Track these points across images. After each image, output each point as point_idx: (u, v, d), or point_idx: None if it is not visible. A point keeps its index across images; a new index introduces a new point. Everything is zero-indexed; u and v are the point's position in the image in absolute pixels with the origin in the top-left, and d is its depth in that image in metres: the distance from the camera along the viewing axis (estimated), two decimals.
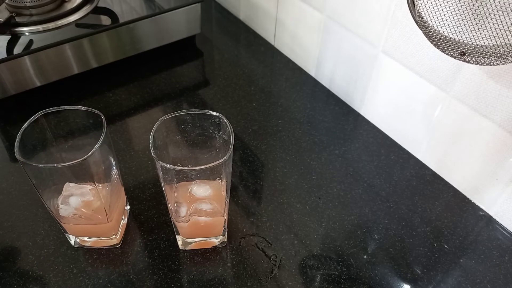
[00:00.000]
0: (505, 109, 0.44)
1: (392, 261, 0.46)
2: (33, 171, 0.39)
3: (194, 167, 0.39)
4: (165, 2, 0.69)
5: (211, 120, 0.43)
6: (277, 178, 0.54)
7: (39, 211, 0.49)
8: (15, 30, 0.60)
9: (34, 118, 0.41)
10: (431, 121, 0.53)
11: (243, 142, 0.58)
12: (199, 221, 0.43)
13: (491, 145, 0.47)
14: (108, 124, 0.42)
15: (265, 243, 0.47)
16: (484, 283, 0.44)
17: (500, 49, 0.35)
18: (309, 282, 0.44)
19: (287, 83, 0.68)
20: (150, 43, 0.69)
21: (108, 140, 0.42)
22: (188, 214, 0.43)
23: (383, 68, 0.56)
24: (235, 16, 0.83)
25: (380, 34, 0.54)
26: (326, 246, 0.47)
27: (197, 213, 0.43)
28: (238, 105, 0.64)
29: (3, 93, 0.59)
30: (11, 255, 0.45)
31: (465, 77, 0.46)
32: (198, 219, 0.43)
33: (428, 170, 0.56)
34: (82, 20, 0.64)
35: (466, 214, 0.51)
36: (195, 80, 0.68)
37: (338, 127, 0.61)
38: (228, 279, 0.44)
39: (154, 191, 0.52)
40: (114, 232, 0.45)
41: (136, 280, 0.43)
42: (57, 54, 0.60)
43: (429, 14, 0.37)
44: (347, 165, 0.56)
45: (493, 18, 0.34)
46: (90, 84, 0.66)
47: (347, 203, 0.51)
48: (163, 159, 0.40)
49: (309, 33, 0.66)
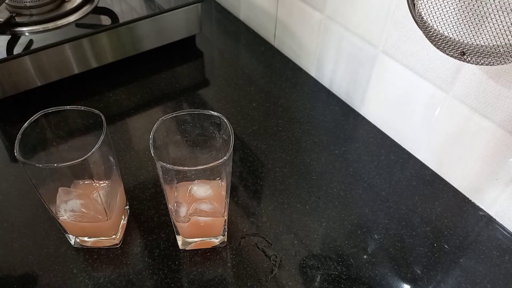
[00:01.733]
0: (505, 109, 0.44)
1: (392, 261, 0.46)
2: (33, 171, 0.39)
3: (194, 167, 0.39)
4: (165, 2, 0.69)
5: (211, 120, 0.43)
6: (277, 178, 0.54)
7: (39, 211, 0.49)
8: (15, 30, 0.61)
9: (34, 118, 0.41)
10: (431, 121, 0.53)
11: (243, 142, 0.58)
12: (199, 221, 0.43)
13: (491, 145, 0.47)
14: (108, 124, 0.42)
15: (265, 243, 0.47)
16: (484, 283, 0.44)
17: (500, 49, 0.35)
18: (309, 282, 0.44)
19: (287, 83, 0.68)
20: (150, 43, 0.69)
21: (108, 140, 0.41)
22: (188, 214, 0.43)
23: (383, 68, 0.56)
24: (235, 16, 0.83)
25: (380, 34, 0.54)
26: (326, 246, 0.47)
27: (197, 213, 0.43)
28: (238, 105, 0.64)
29: (3, 93, 0.59)
30: (11, 255, 0.45)
31: (465, 77, 0.46)
32: (198, 219, 0.43)
33: (428, 170, 0.56)
34: (82, 20, 0.64)
35: (466, 214, 0.51)
36: (195, 80, 0.68)
37: (338, 127, 0.61)
38: (228, 279, 0.44)
39: (154, 191, 0.52)
40: (114, 232, 0.45)
41: (136, 280, 0.43)
42: (57, 54, 0.60)
43: (429, 14, 0.37)
44: (347, 165, 0.56)
45: (493, 18, 0.34)
46: (90, 84, 0.66)
47: (347, 203, 0.51)
48: (163, 159, 0.40)
49: (309, 33, 0.66)
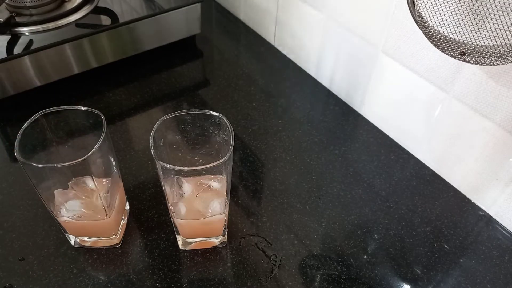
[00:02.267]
0: (505, 109, 0.44)
1: (392, 261, 0.46)
2: (33, 171, 0.39)
3: (194, 167, 0.39)
4: (165, 2, 0.69)
5: (211, 120, 0.43)
6: (277, 178, 0.54)
7: (39, 211, 0.49)
8: (15, 30, 0.60)
9: (34, 118, 0.41)
10: (431, 121, 0.53)
11: (243, 142, 0.58)
12: (199, 221, 0.43)
13: (491, 145, 0.47)
14: (108, 124, 0.42)
15: (265, 243, 0.47)
16: (484, 283, 0.44)
17: (500, 49, 0.35)
18: (309, 282, 0.44)
19: (287, 83, 0.68)
20: (150, 43, 0.69)
21: (108, 140, 0.41)
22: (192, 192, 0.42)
23: (383, 68, 0.56)
24: (235, 16, 0.83)
25: (380, 34, 0.54)
26: (326, 246, 0.47)
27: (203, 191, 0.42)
28: (238, 105, 0.64)
29: (3, 93, 0.59)
30: (11, 255, 0.45)
31: (465, 77, 0.46)
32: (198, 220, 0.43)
33: (428, 170, 0.56)
34: (82, 20, 0.64)
35: (466, 214, 0.51)
36: (195, 80, 0.68)
37: (338, 127, 0.61)
38: (228, 279, 0.44)
39: (154, 191, 0.52)
40: (114, 232, 0.45)
41: (136, 280, 0.43)
42: (57, 54, 0.60)
43: (429, 14, 0.37)
44: (347, 165, 0.56)
45: (493, 18, 0.34)
46: (90, 84, 0.66)
47: (347, 203, 0.51)
48: (163, 159, 0.40)
49: (309, 33, 0.66)
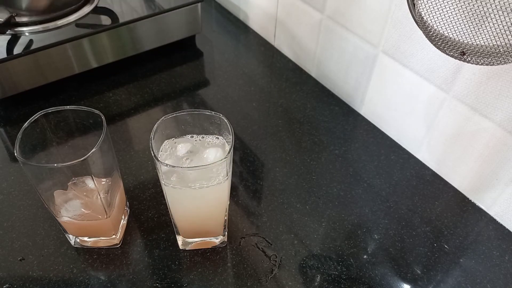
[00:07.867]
0: (505, 109, 0.44)
1: (392, 261, 0.46)
2: (33, 171, 0.39)
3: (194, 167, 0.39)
4: (165, 2, 0.69)
5: (211, 120, 0.43)
6: (277, 178, 0.54)
7: (39, 211, 0.49)
8: (15, 30, 0.61)
9: (34, 118, 0.41)
10: (431, 121, 0.53)
11: (243, 142, 0.58)
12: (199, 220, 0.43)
13: (491, 145, 0.47)
14: (108, 124, 0.42)
15: (265, 243, 0.47)
16: (484, 283, 0.44)
17: (500, 49, 0.35)
18: (309, 282, 0.44)
19: (287, 83, 0.68)
20: (150, 43, 0.69)
21: (108, 140, 0.41)
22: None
23: (383, 68, 0.56)
24: (235, 16, 0.83)
25: (380, 34, 0.54)
26: (326, 246, 0.47)
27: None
28: (238, 105, 0.64)
29: (3, 93, 0.59)
30: (11, 255, 0.45)
31: (465, 77, 0.46)
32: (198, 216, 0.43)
33: (428, 170, 0.56)
34: (82, 20, 0.64)
35: (466, 214, 0.51)
36: (195, 80, 0.68)
37: (338, 127, 0.61)
38: (228, 279, 0.44)
39: (154, 191, 0.52)
40: (114, 232, 0.45)
41: (136, 280, 0.43)
42: (57, 54, 0.60)
43: (429, 14, 0.37)
44: (347, 165, 0.56)
45: (493, 18, 0.33)
46: (90, 84, 0.66)
47: (347, 203, 0.51)
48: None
49: (309, 33, 0.66)
